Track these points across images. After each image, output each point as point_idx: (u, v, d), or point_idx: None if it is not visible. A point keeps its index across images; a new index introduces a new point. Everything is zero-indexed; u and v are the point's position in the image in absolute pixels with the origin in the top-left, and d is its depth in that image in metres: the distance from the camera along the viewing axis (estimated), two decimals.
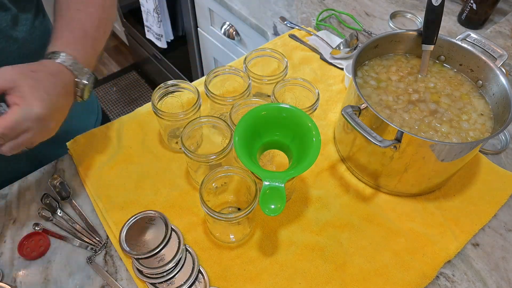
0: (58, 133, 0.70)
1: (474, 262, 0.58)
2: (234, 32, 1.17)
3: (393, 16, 1.00)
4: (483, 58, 0.62)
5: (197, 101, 0.62)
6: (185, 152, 0.55)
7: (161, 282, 0.51)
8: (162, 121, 0.63)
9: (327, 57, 0.85)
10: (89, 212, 0.61)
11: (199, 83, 0.79)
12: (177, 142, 0.67)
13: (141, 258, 0.50)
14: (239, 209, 0.60)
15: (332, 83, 0.81)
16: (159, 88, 0.64)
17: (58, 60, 0.50)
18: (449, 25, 0.98)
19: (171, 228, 0.52)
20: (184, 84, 0.65)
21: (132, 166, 0.66)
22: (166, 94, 0.65)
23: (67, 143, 0.67)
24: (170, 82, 0.65)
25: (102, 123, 0.87)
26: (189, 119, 0.60)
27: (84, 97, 0.54)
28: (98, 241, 0.58)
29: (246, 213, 0.50)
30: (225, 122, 0.58)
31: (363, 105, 0.55)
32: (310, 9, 1.01)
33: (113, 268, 0.55)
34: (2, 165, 0.66)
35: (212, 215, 0.49)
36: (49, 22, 0.68)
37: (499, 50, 0.62)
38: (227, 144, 0.56)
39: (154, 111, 0.62)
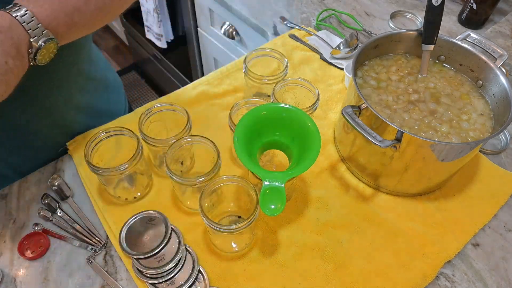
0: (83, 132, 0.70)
1: (474, 262, 0.58)
2: (234, 32, 1.17)
3: (393, 16, 1.00)
4: (483, 58, 0.62)
5: (187, 123, 0.58)
6: (170, 175, 0.52)
7: (161, 282, 0.51)
8: (154, 148, 0.59)
9: (327, 57, 0.85)
10: (89, 212, 0.61)
11: (199, 83, 0.79)
12: (182, 163, 0.64)
13: (141, 258, 0.50)
14: (239, 217, 0.59)
15: (332, 83, 0.81)
16: (143, 114, 0.59)
17: (14, 14, 0.43)
18: (449, 25, 0.98)
19: (171, 228, 0.52)
20: (171, 106, 0.61)
21: None
22: (149, 117, 0.60)
23: (67, 143, 0.67)
24: (156, 105, 0.60)
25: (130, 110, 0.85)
26: (180, 142, 0.56)
27: (40, 62, 0.46)
28: (98, 241, 0.58)
29: (248, 223, 0.49)
30: (212, 142, 0.55)
31: (363, 105, 0.55)
32: (310, 9, 1.01)
33: (113, 268, 0.55)
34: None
35: (213, 227, 0.49)
36: None
37: (499, 50, 0.62)
38: (214, 165, 0.53)
39: (143, 139, 0.57)
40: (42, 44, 0.44)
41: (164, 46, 1.63)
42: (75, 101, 0.67)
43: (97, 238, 0.58)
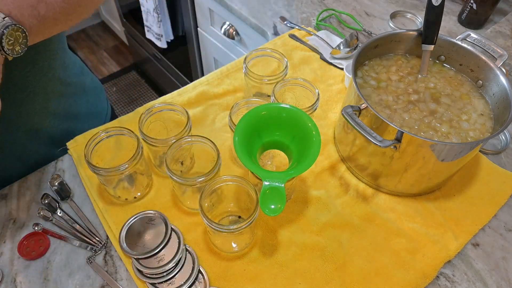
0: (61, 136, 0.70)
1: (474, 262, 0.58)
2: (234, 32, 1.17)
3: (393, 16, 1.00)
4: (483, 58, 0.62)
5: (187, 123, 0.58)
6: (170, 175, 0.52)
7: (161, 282, 0.51)
8: (154, 148, 0.59)
9: (327, 57, 0.85)
10: (89, 212, 0.61)
11: (199, 83, 0.79)
12: (182, 163, 0.64)
13: (141, 258, 0.50)
14: (239, 217, 0.59)
15: (332, 83, 0.81)
16: (143, 114, 0.59)
17: None
18: (449, 25, 0.98)
19: (171, 228, 0.52)
20: (171, 106, 0.61)
21: None
22: (149, 117, 0.60)
23: (67, 143, 0.67)
24: (156, 105, 0.61)
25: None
26: (180, 142, 0.56)
27: (10, 52, 0.45)
28: (98, 241, 0.58)
29: (248, 223, 0.49)
30: (212, 142, 0.55)
31: (363, 105, 0.55)
32: (310, 9, 1.01)
33: (113, 268, 0.55)
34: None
35: (213, 227, 0.49)
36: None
37: (499, 50, 0.62)
38: (214, 165, 0.53)
39: (143, 139, 0.57)
40: (4, 31, 0.43)
41: (164, 46, 1.63)
42: (52, 107, 0.66)
43: (97, 238, 0.58)
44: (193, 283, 0.52)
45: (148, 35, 1.69)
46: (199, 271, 0.53)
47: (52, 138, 0.68)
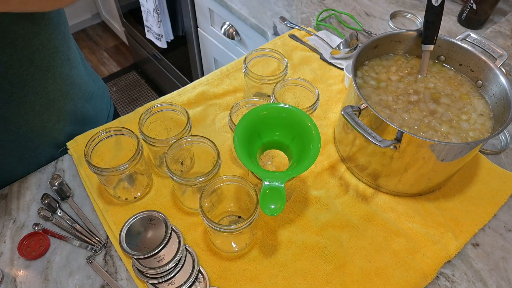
0: (66, 140, 0.69)
1: (474, 262, 0.58)
2: (234, 32, 1.17)
3: (393, 16, 1.00)
4: (483, 58, 0.62)
5: (187, 123, 0.58)
6: (170, 175, 0.52)
7: (161, 282, 0.51)
8: (154, 148, 0.59)
9: (327, 57, 0.85)
10: (89, 212, 0.61)
11: (199, 83, 0.79)
12: (182, 163, 0.64)
13: (141, 258, 0.50)
14: (239, 217, 0.59)
15: (332, 83, 0.81)
16: (143, 114, 0.59)
17: None
18: (449, 25, 0.98)
19: (171, 228, 0.52)
20: (171, 106, 0.61)
21: None
22: (149, 117, 0.61)
23: (67, 143, 0.67)
24: (156, 105, 0.61)
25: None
26: (180, 142, 0.56)
27: None
28: (98, 241, 0.58)
29: (248, 223, 0.49)
30: (212, 142, 0.55)
31: (363, 105, 0.55)
32: (310, 9, 1.01)
33: (113, 268, 0.55)
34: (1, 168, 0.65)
35: (213, 227, 0.49)
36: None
37: (499, 50, 0.62)
38: (214, 165, 0.53)
39: (143, 139, 0.57)
40: None
41: (164, 46, 1.63)
42: (55, 107, 0.64)
43: (97, 238, 0.58)
44: (193, 283, 0.52)
45: (148, 35, 1.69)
46: (199, 271, 0.53)
47: (56, 141, 0.67)
